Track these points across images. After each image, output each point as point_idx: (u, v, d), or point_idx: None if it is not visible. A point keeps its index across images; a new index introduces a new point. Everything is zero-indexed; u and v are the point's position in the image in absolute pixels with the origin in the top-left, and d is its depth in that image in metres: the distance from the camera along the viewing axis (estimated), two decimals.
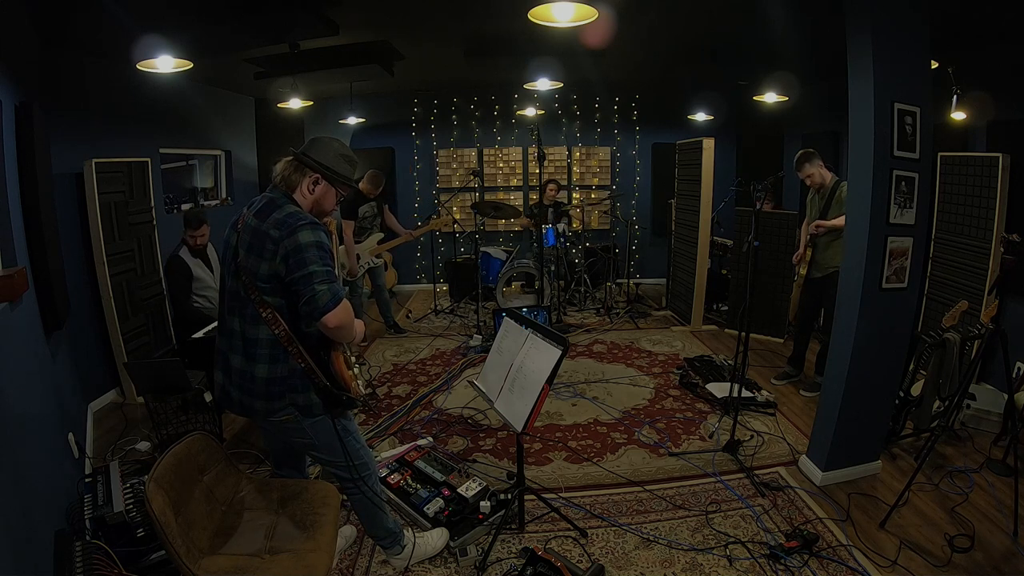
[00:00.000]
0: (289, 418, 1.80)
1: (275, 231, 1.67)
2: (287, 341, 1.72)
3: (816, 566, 2.18)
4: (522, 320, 2.37)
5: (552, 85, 5.25)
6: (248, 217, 1.76)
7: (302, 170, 1.81)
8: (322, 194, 1.83)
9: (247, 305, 1.73)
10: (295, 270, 1.65)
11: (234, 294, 1.77)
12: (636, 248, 7.28)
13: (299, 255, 1.64)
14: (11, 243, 2.46)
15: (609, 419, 3.50)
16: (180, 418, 3.04)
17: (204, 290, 3.78)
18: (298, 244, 1.64)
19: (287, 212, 1.70)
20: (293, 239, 1.65)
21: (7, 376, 1.96)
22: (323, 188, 1.83)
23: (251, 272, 1.70)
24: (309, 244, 1.65)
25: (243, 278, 1.72)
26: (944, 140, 3.77)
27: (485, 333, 5.00)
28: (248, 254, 1.70)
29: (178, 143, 5.10)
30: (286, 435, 1.89)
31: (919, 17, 2.41)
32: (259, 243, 1.68)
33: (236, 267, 1.75)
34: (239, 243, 1.75)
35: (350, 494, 2.03)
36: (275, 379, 1.76)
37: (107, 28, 3.17)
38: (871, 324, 2.58)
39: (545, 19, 2.83)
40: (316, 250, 1.66)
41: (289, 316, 1.74)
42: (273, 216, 1.69)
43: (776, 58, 4.58)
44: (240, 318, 1.76)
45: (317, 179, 1.81)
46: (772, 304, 4.85)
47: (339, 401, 1.81)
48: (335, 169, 1.83)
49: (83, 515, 2.11)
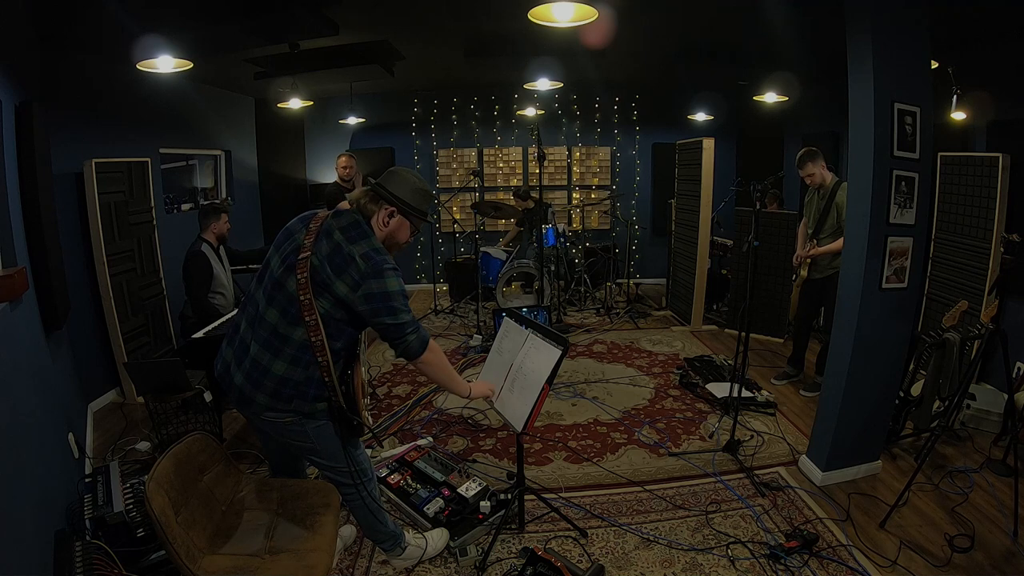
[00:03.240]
0: (290, 420, 1.78)
1: (362, 263, 1.70)
2: (319, 350, 1.71)
3: (816, 566, 2.18)
4: (522, 320, 2.37)
5: (552, 85, 5.25)
6: (331, 226, 1.76)
7: (377, 201, 1.83)
8: (396, 227, 1.85)
9: (292, 303, 1.70)
10: (383, 315, 1.73)
11: (279, 286, 1.74)
12: (636, 248, 7.28)
13: (388, 303, 1.72)
14: (11, 243, 2.46)
15: (609, 419, 3.50)
16: (180, 418, 3.04)
17: (219, 287, 3.74)
18: (387, 291, 1.71)
19: (374, 246, 1.75)
20: (381, 283, 1.70)
21: (7, 376, 1.95)
22: (398, 221, 1.85)
23: (321, 283, 1.69)
24: (397, 293, 1.73)
25: (300, 277, 1.69)
26: (944, 140, 3.77)
27: (485, 333, 5.00)
28: (326, 265, 1.70)
29: (178, 143, 5.10)
30: (284, 436, 1.85)
31: (919, 17, 2.41)
32: (342, 263, 1.70)
33: (295, 263, 1.72)
34: (314, 246, 1.72)
35: (349, 500, 2.01)
36: (289, 380, 1.73)
37: (107, 28, 3.17)
38: (871, 324, 2.58)
39: (545, 19, 2.83)
40: (403, 299, 1.76)
41: (333, 329, 1.74)
42: (361, 244, 1.73)
43: (776, 58, 4.58)
44: (279, 311, 1.73)
45: (392, 212, 1.83)
46: (772, 304, 4.85)
47: (349, 424, 1.81)
48: (411, 203, 1.85)
49: (83, 515, 2.11)
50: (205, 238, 3.71)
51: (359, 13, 3.49)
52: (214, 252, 3.72)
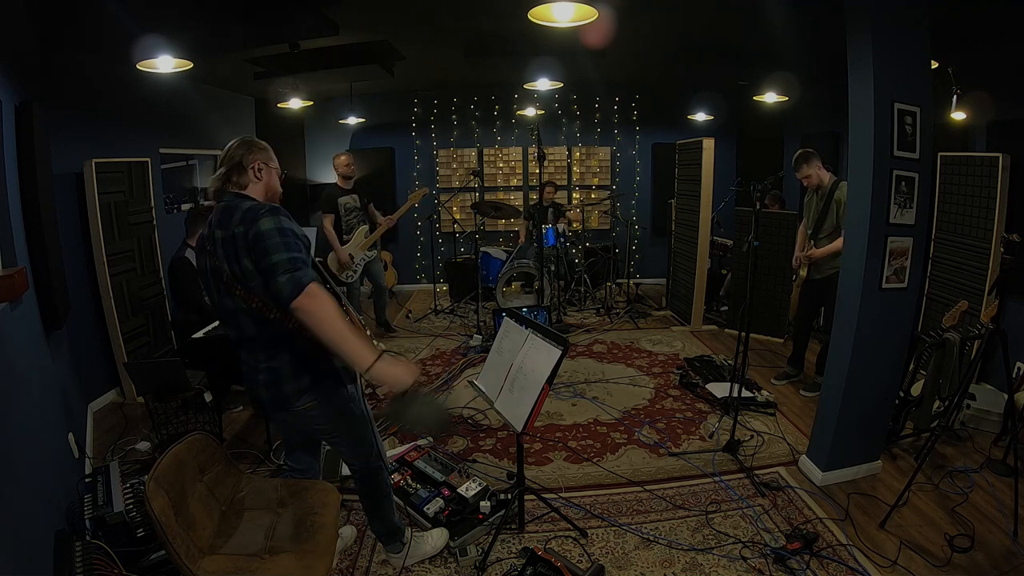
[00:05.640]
0: (312, 404, 1.80)
1: (240, 227, 1.64)
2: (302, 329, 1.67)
3: (816, 566, 2.18)
4: (522, 320, 2.37)
5: (552, 85, 5.25)
6: (214, 234, 1.71)
7: (240, 168, 1.80)
8: (268, 176, 1.84)
9: (251, 315, 1.70)
10: (260, 261, 1.61)
11: (232, 313, 1.73)
12: (636, 248, 7.28)
13: (259, 244, 1.61)
14: (11, 243, 2.46)
15: (609, 419, 3.50)
16: (180, 418, 3.04)
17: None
18: (258, 232, 1.61)
19: (246, 207, 1.68)
20: (255, 227, 1.62)
21: (7, 376, 1.96)
22: (266, 170, 1.84)
23: (242, 281, 1.66)
24: (271, 231, 1.61)
25: (238, 292, 1.67)
26: (944, 140, 3.76)
27: (485, 333, 5.00)
28: (231, 264, 1.66)
29: (178, 143, 5.10)
30: (308, 423, 1.89)
31: (919, 17, 2.41)
32: (233, 247, 1.64)
33: (225, 286, 1.70)
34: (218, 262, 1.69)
35: (364, 483, 2.03)
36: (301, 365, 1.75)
37: (107, 28, 3.17)
38: (871, 324, 2.57)
39: (545, 19, 2.83)
40: (278, 236, 1.61)
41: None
42: (235, 217, 1.67)
43: (776, 58, 4.58)
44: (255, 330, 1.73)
45: (256, 164, 1.81)
46: (772, 304, 4.85)
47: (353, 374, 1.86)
48: (253, 144, 1.86)
49: (83, 515, 2.11)
50: (190, 244, 3.74)
51: (359, 13, 3.49)
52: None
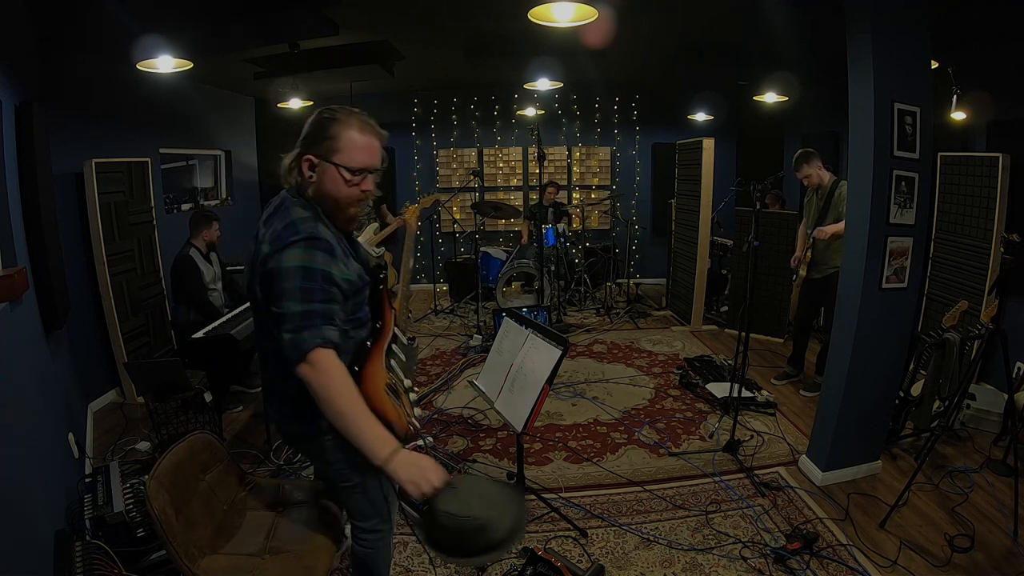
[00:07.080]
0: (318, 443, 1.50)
1: (266, 247, 1.33)
2: None
3: (816, 566, 2.18)
4: (522, 320, 2.37)
5: (552, 85, 5.25)
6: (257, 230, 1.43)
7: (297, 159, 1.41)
8: (321, 176, 1.40)
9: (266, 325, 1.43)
10: (270, 302, 1.30)
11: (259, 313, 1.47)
12: (636, 248, 7.27)
13: (274, 283, 1.29)
14: (11, 243, 2.46)
15: (609, 419, 3.50)
16: (180, 418, 3.04)
17: (211, 284, 3.81)
18: (277, 268, 1.29)
19: (288, 220, 1.35)
20: (275, 260, 1.30)
21: (7, 376, 1.95)
22: (320, 168, 1.39)
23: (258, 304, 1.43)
24: (289, 270, 1.28)
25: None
26: (944, 140, 3.76)
27: (485, 333, 5.00)
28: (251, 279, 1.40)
29: (178, 143, 5.10)
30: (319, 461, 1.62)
31: (919, 17, 2.41)
32: (252, 265, 1.40)
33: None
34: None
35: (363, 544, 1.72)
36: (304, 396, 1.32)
37: (107, 28, 3.18)
38: (871, 324, 2.58)
39: (545, 19, 2.83)
40: (298, 279, 1.27)
41: None
42: (271, 229, 1.36)
43: (776, 58, 4.58)
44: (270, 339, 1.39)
45: (309, 160, 1.39)
46: (772, 304, 4.85)
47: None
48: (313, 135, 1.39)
49: (83, 515, 2.11)
50: (195, 244, 3.76)
51: (359, 13, 3.49)
52: (203, 258, 3.78)
